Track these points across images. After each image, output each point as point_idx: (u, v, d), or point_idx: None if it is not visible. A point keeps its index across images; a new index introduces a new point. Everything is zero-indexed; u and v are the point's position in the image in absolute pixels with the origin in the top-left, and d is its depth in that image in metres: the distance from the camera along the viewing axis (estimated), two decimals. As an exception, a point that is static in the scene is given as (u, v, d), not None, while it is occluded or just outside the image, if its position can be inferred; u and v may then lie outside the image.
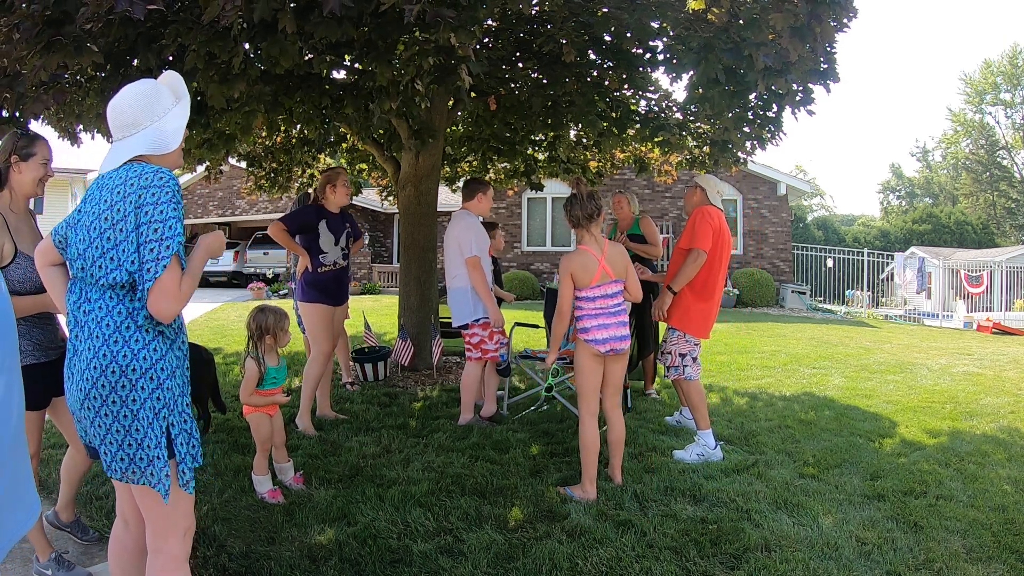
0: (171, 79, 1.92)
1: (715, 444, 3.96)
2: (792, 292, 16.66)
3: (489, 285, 4.56)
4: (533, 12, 4.97)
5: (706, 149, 6.56)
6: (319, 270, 4.38)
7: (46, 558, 2.51)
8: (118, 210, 1.70)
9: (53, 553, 2.53)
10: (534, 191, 8.36)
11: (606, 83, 5.60)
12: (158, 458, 1.72)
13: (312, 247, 4.38)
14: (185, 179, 20.55)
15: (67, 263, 1.87)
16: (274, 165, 7.89)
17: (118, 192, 1.72)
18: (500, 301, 5.20)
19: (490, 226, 5.28)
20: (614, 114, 5.96)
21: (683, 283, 4.07)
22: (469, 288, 4.48)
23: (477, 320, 4.51)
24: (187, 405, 1.81)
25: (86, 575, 2.56)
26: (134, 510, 1.93)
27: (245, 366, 3.21)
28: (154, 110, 1.83)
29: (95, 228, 1.73)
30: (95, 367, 1.70)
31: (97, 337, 1.72)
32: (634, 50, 4.88)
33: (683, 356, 4.09)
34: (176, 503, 1.79)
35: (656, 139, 6.15)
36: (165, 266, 1.68)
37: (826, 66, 4.02)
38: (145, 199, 1.70)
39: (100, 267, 1.71)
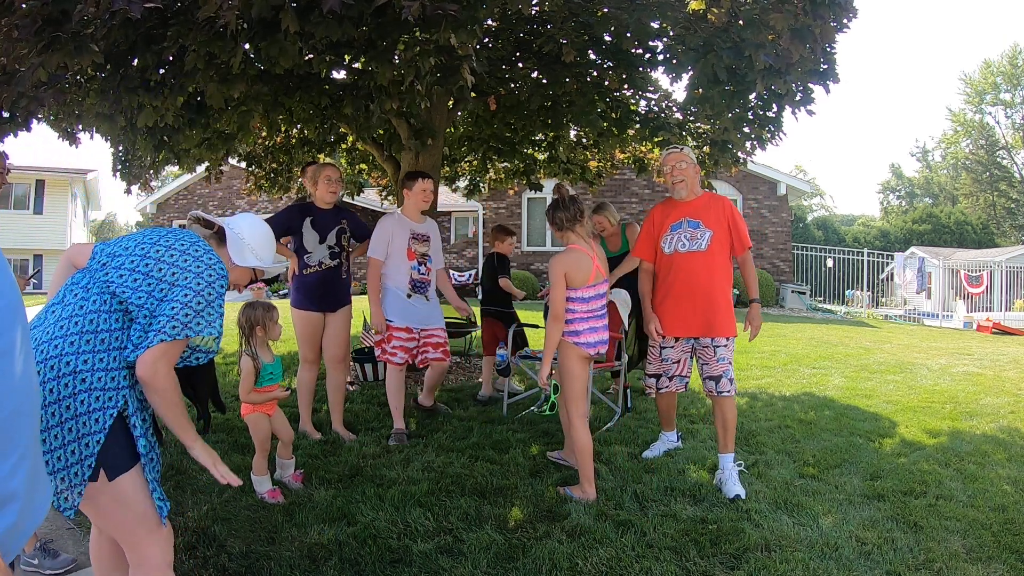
0: (270, 255, 2.14)
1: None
2: (792, 292, 16.66)
3: (410, 280, 4.32)
4: (533, 12, 4.97)
5: (706, 149, 6.55)
6: (303, 272, 4.19)
7: (31, 548, 2.53)
8: (171, 255, 1.78)
9: (38, 543, 2.55)
10: (534, 191, 8.36)
11: (606, 83, 5.60)
12: (62, 477, 1.65)
13: (298, 248, 4.22)
14: (185, 179, 20.56)
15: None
16: (274, 165, 7.89)
17: (183, 243, 1.82)
18: (511, 297, 5.44)
19: (503, 231, 5.34)
20: (614, 114, 5.95)
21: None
22: (382, 289, 4.32)
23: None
24: (151, 441, 1.80)
25: (71, 561, 2.61)
26: None
27: (241, 364, 3.22)
28: (255, 246, 2.04)
29: (142, 247, 1.79)
30: (56, 346, 1.67)
31: (76, 323, 1.70)
32: (634, 50, 4.88)
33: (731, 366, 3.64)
34: (133, 515, 1.75)
35: (656, 139, 6.14)
36: (175, 337, 1.71)
37: (826, 66, 4.02)
38: (198, 273, 1.79)
39: (120, 276, 1.73)
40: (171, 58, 3.81)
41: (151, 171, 6.44)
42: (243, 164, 8.13)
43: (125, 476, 1.72)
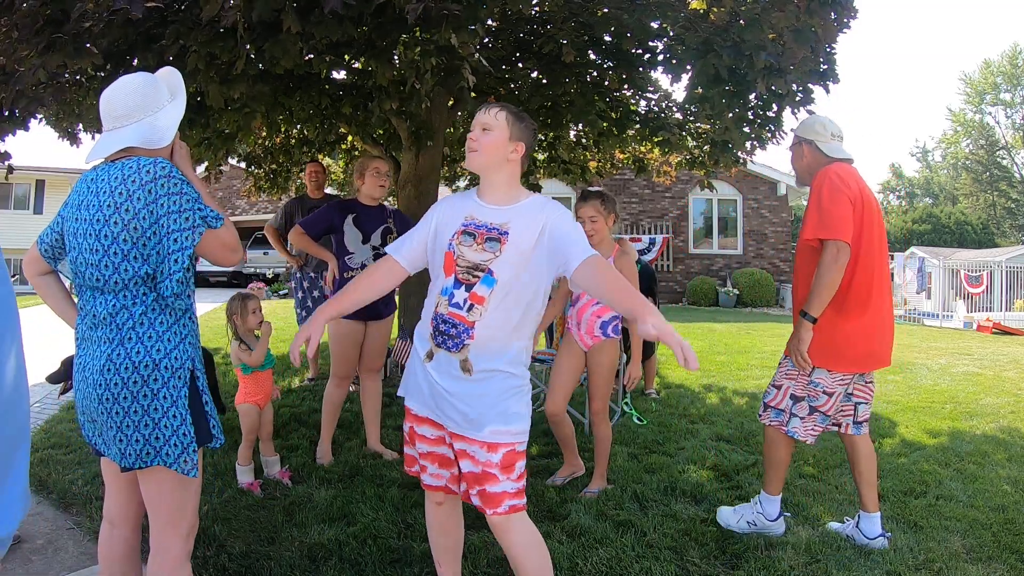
0: (168, 75, 1.91)
1: (777, 514, 2.90)
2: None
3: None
4: (533, 12, 4.97)
5: (706, 149, 6.56)
6: (345, 275, 3.75)
7: None
8: (126, 209, 1.68)
9: None
10: (533, 191, 8.36)
11: (606, 83, 5.60)
12: (175, 442, 1.71)
13: (337, 248, 3.79)
14: (185, 179, 20.53)
15: (58, 271, 1.87)
16: (273, 166, 7.89)
17: (120, 192, 1.69)
18: None
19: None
20: (614, 114, 5.96)
21: (825, 299, 2.61)
22: None
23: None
24: (201, 391, 1.81)
25: None
26: (123, 511, 1.93)
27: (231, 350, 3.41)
28: (148, 104, 1.80)
29: (106, 234, 1.69)
30: (108, 368, 1.70)
31: (110, 341, 1.72)
32: (634, 50, 4.88)
33: (795, 399, 2.78)
34: (183, 500, 1.78)
35: (656, 139, 6.15)
36: (195, 242, 1.73)
37: (826, 66, 4.02)
38: (156, 192, 1.68)
39: (126, 270, 1.70)
40: (171, 58, 3.81)
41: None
42: (242, 164, 8.13)
43: (198, 451, 1.78)
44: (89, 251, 1.72)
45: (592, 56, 5.24)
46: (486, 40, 5.42)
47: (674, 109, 6.16)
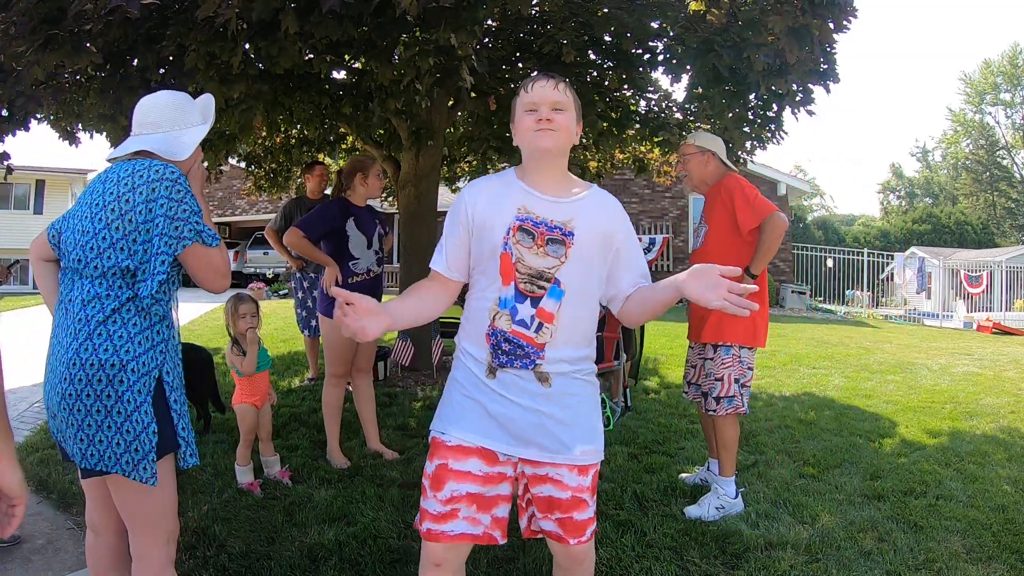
0: (205, 102, 1.99)
1: (736, 493, 3.20)
2: (792, 292, 16.67)
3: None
4: (533, 12, 4.97)
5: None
6: (349, 280, 3.60)
7: None
8: (126, 200, 1.71)
9: None
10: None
11: (606, 83, 5.60)
12: (136, 448, 1.68)
13: (341, 252, 3.61)
14: (185, 179, 20.52)
15: (59, 257, 1.87)
16: (273, 165, 7.90)
17: (125, 183, 1.73)
18: None
19: None
20: (614, 114, 5.96)
21: (768, 260, 3.17)
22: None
23: None
24: (177, 401, 1.79)
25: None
26: (103, 518, 1.91)
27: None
28: (178, 119, 1.88)
29: (100, 219, 1.73)
30: (74, 363, 1.68)
31: (78, 334, 1.70)
32: (634, 50, 4.88)
33: (738, 382, 3.29)
34: (156, 507, 1.76)
35: (656, 139, 6.15)
36: (177, 251, 1.73)
37: (826, 66, 4.02)
38: (159, 192, 1.71)
39: (108, 257, 1.71)
40: (171, 58, 3.81)
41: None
42: (243, 164, 8.14)
43: (165, 459, 1.76)
44: (80, 231, 1.75)
45: (592, 56, 5.24)
46: (486, 40, 5.42)
47: (674, 109, 6.16)
